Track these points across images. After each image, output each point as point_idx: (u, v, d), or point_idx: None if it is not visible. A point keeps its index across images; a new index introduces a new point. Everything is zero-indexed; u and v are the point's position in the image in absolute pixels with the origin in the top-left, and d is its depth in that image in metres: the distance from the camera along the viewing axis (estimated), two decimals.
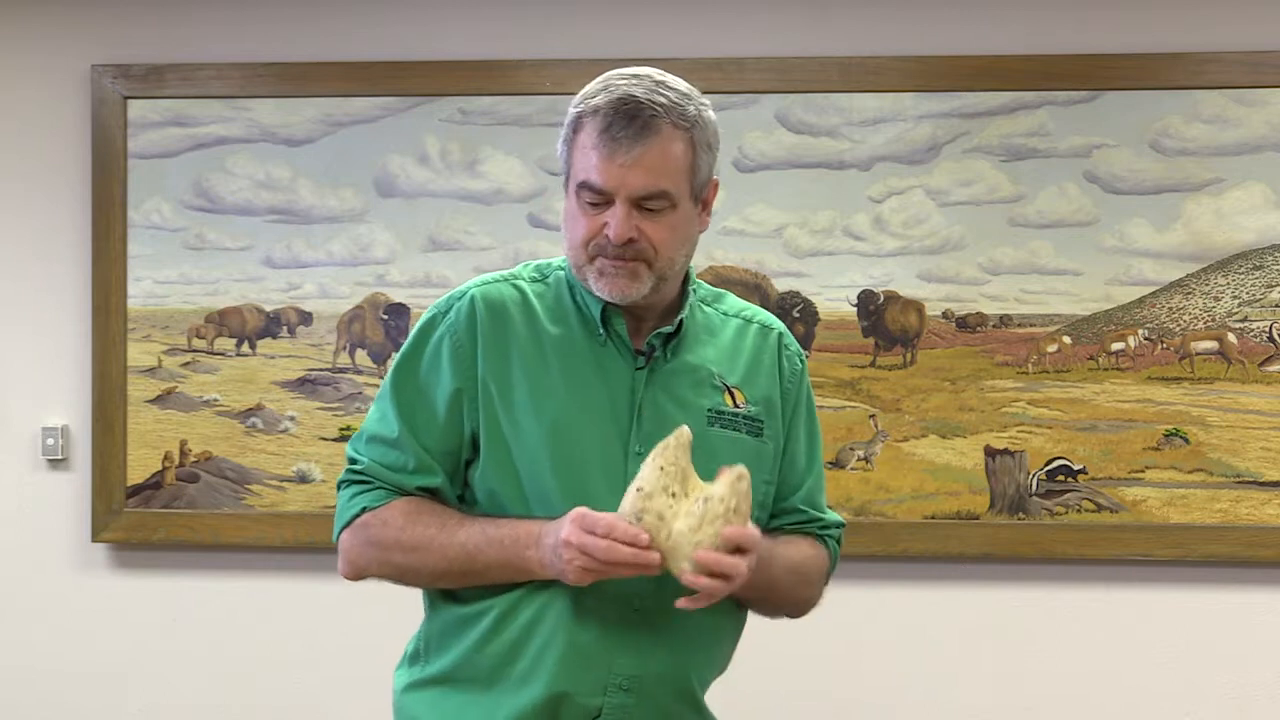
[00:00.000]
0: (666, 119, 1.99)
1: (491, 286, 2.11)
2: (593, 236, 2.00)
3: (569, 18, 3.85)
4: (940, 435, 3.77)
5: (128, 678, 3.92)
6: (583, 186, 2.00)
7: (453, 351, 2.07)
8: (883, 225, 3.79)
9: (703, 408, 2.08)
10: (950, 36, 3.78)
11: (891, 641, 3.79)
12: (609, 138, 1.98)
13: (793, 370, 2.19)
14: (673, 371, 2.09)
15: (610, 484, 1.99)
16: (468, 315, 2.08)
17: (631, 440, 2.04)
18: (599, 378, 2.06)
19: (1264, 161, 3.72)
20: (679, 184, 2.01)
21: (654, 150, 1.98)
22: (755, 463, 2.05)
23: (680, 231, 2.04)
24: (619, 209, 1.98)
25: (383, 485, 2.08)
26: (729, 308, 2.20)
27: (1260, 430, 3.72)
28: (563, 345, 2.07)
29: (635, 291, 2.02)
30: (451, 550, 2.01)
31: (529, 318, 2.08)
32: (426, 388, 2.08)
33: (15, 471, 3.95)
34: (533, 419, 2.03)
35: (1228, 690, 3.73)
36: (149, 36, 3.92)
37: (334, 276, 3.91)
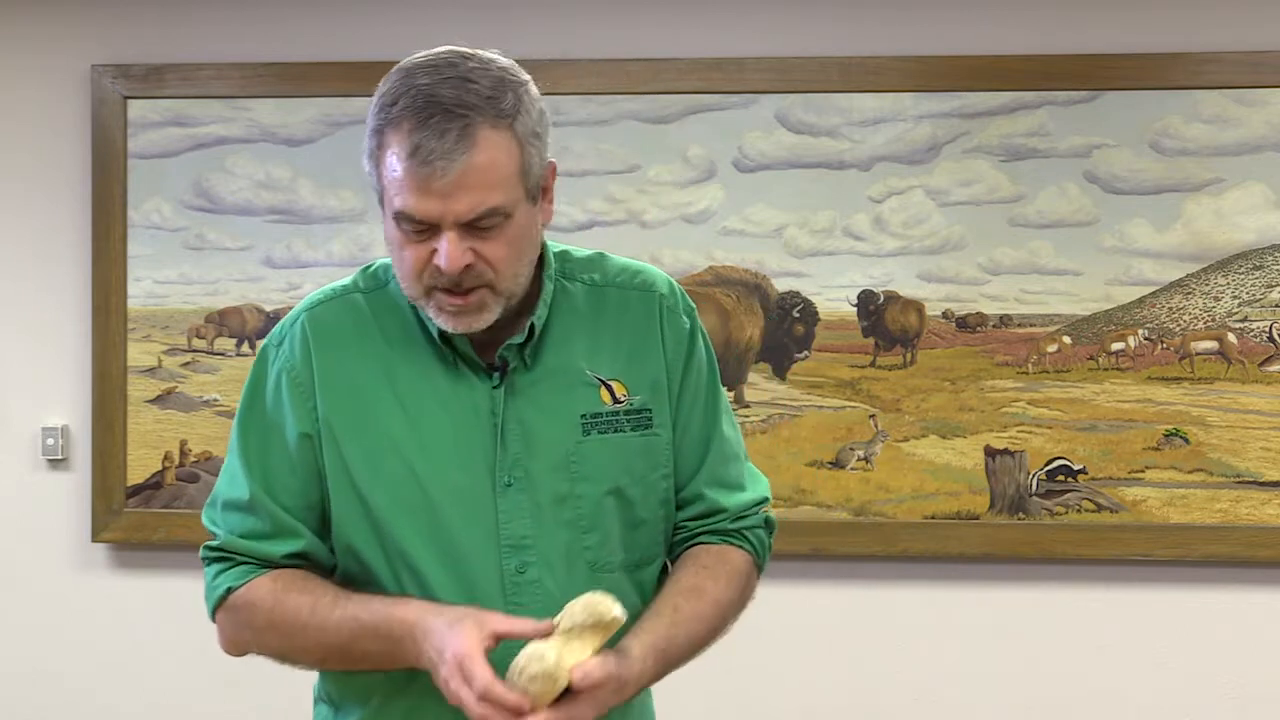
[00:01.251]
0: (483, 120, 1.71)
1: (323, 308, 1.89)
2: (424, 268, 1.75)
3: (569, 18, 3.85)
4: (940, 435, 3.76)
5: (127, 677, 3.92)
6: (400, 216, 1.74)
7: (292, 389, 1.85)
8: (883, 225, 3.79)
9: (575, 414, 1.85)
10: (950, 36, 3.78)
11: (891, 641, 3.79)
12: (420, 161, 1.69)
13: (678, 335, 1.93)
14: (535, 379, 1.85)
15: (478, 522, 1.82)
16: (301, 346, 1.86)
17: (498, 469, 1.82)
18: (453, 403, 1.83)
19: (1264, 161, 3.72)
20: (511, 192, 1.74)
21: (476, 163, 1.70)
22: (646, 460, 1.88)
23: (521, 242, 1.77)
24: (446, 238, 1.72)
25: (245, 559, 1.86)
26: (604, 275, 1.93)
27: (1260, 430, 3.71)
28: (409, 370, 1.84)
29: (484, 322, 1.78)
30: (325, 637, 1.80)
31: (367, 340, 1.86)
32: (273, 435, 1.86)
33: (15, 471, 3.95)
34: (383, 459, 1.82)
35: (1228, 690, 3.73)
36: (149, 36, 3.92)
37: (334, 276, 3.84)
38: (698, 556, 1.93)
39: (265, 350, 1.90)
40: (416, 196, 1.71)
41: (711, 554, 1.93)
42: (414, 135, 1.70)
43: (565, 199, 3.83)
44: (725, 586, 1.91)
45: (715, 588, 1.89)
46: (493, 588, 1.82)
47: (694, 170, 3.81)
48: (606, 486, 1.86)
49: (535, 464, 1.83)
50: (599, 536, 1.86)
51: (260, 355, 1.91)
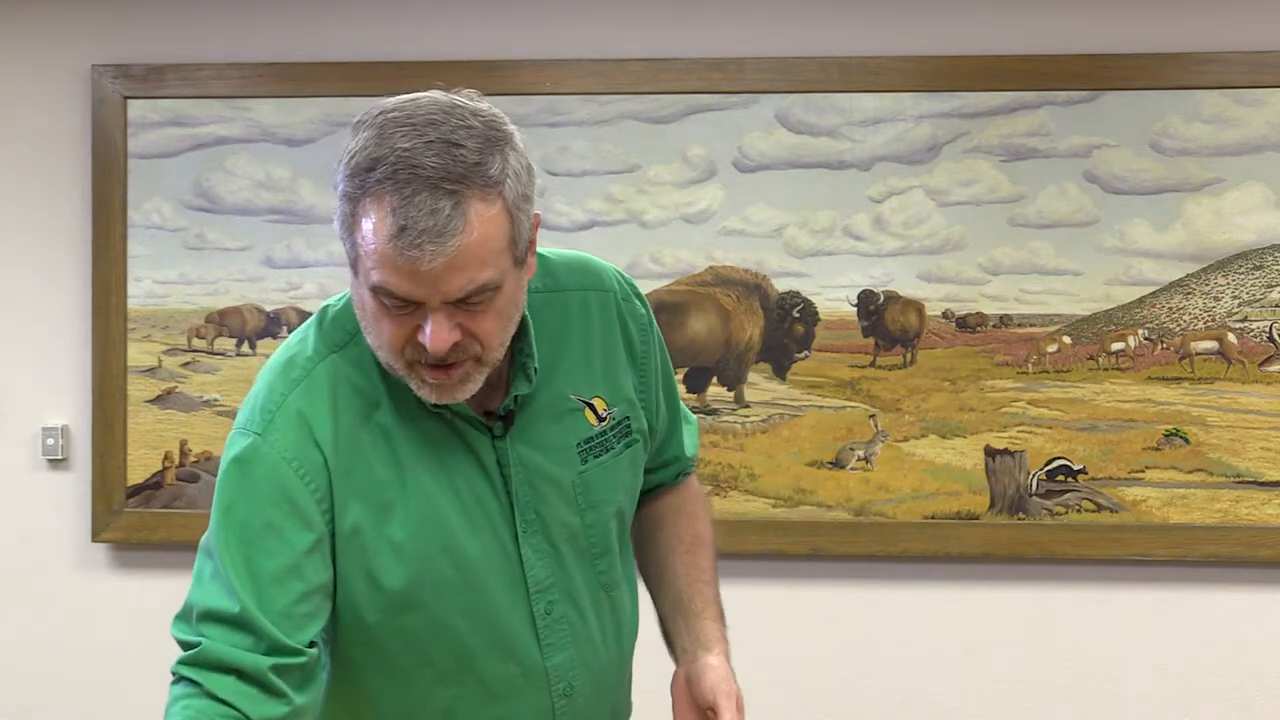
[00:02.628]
0: (473, 194, 1.58)
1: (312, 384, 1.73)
2: (406, 343, 1.63)
3: (569, 18, 3.85)
4: (940, 435, 3.76)
5: (128, 677, 3.92)
6: (381, 291, 1.60)
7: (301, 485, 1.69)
8: (883, 225, 3.79)
9: (572, 445, 1.82)
10: (950, 36, 3.78)
11: (891, 641, 3.79)
12: (406, 243, 1.55)
13: (640, 324, 1.91)
14: (532, 418, 1.80)
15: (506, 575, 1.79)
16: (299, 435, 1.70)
17: (517, 521, 1.79)
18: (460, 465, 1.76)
19: (1264, 161, 3.71)
20: (500, 265, 1.62)
21: (467, 245, 1.57)
22: (633, 470, 1.90)
23: (508, 310, 1.67)
24: (432, 318, 1.60)
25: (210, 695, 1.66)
26: (559, 279, 1.86)
27: (1260, 430, 3.71)
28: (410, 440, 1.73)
29: (468, 393, 1.69)
30: None
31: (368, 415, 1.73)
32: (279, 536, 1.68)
33: (15, 471, 3.95)
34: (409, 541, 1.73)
35: (1228, 690, 3.73)
36: (149, 36, 3.92)
37: (334, 276, 3.90)
38: (672, 501, 2.04)
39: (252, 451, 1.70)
40: (402, 278, 1.58)
41: (679, 493, 2.05)
42: (399, 213, 1.56)
43: (565, 199, 3.83)
44: (708, 519, 2.05)
45: (705, 527, 2.03)
46: (527, 634, 1.83)
47: (694, 170, 3.81)
48: (611, 510, 1.87)
49: (545, 504, 1.82)
50: (609, 560, 1.89)
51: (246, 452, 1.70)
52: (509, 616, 1.81)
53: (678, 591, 1.96)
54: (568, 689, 1.85)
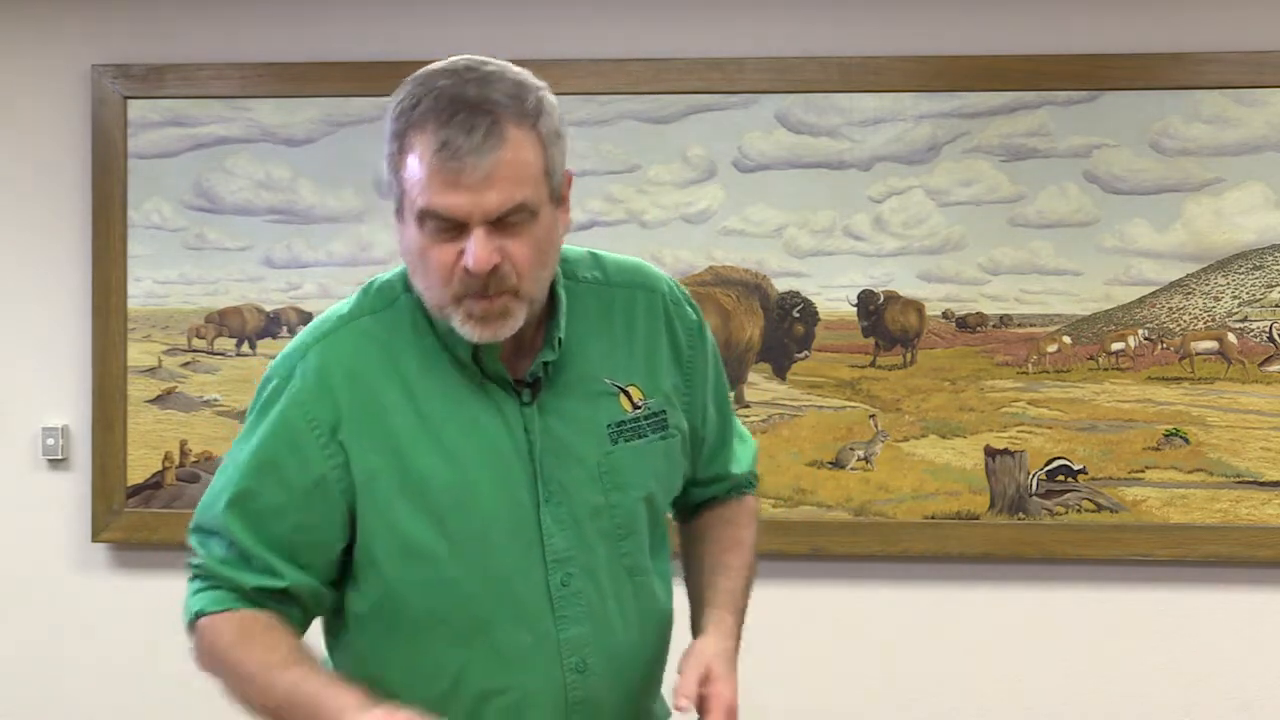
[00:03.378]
0: (509, 117, 1.70)
1: (335, 339, 1.84)
2: (450, 272, 1.72)
3: (569, 18, 3.85)
4: (940, 435, 3.76)
5: (128, 678, 3.92)
6: (426, 215, 1.71)
7: (307, 430, 1.80)
8: (883, 225, 3.79)
9: (602, 425, 1.86)
10: (950, 36, 3.78)
11: (891, 641, 3.78)
12: (448, 155, 1.68)
13: (688, 327, 1.96)
14: (559, 392, 1.85)
15: (523, 541, 1.82)
16: (316, 382, 1.81)
17: (539, 488, 1.83)
18: (485, 426, 1.82)
19: (1264, 161, 3.71)
20: (537, 191, 1.73)
21: (504, 160, 1.69)
22: (668, 463, 1.93)
23: (545, 245, 1.76)
24: (475, 235, 1.69)
25: (221, 585, 1.83)
26: (606, 274, 1.93)
27: (1260, 430, 3.71)
28: (436, 397, 1.81)
29: (509, 329, 1.75)
30: (266, 698, 1.81)
31: (387, 369, 1.82)
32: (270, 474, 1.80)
33: (15, 471, 3.95)
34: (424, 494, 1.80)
35: (1228, 690, 3.73)
36: (149, 36, 3.92)
37: (334, 276, 3.90)
38: (721, 513, 2.07)
39: (271, 384, 1.83)
40: (445, 193, 1.69)
41: (730, 507, 2.08)
42: (440, 132, 1.69)
43: None
44: (751, 531, 2.08)
45: (748, 534, 2.06)
46: (541, 603, 1.84)
47: (694, 170, 3.81)
48: (639, 494, 1.89)
49: (570, 477, 1.85)
50: (634, 543, 1.90)
51: (266, 396, 1.83)
52: (524, 582, 1.83)
53: (700, 585, 1.99)
54: (580, 665, 1.85)
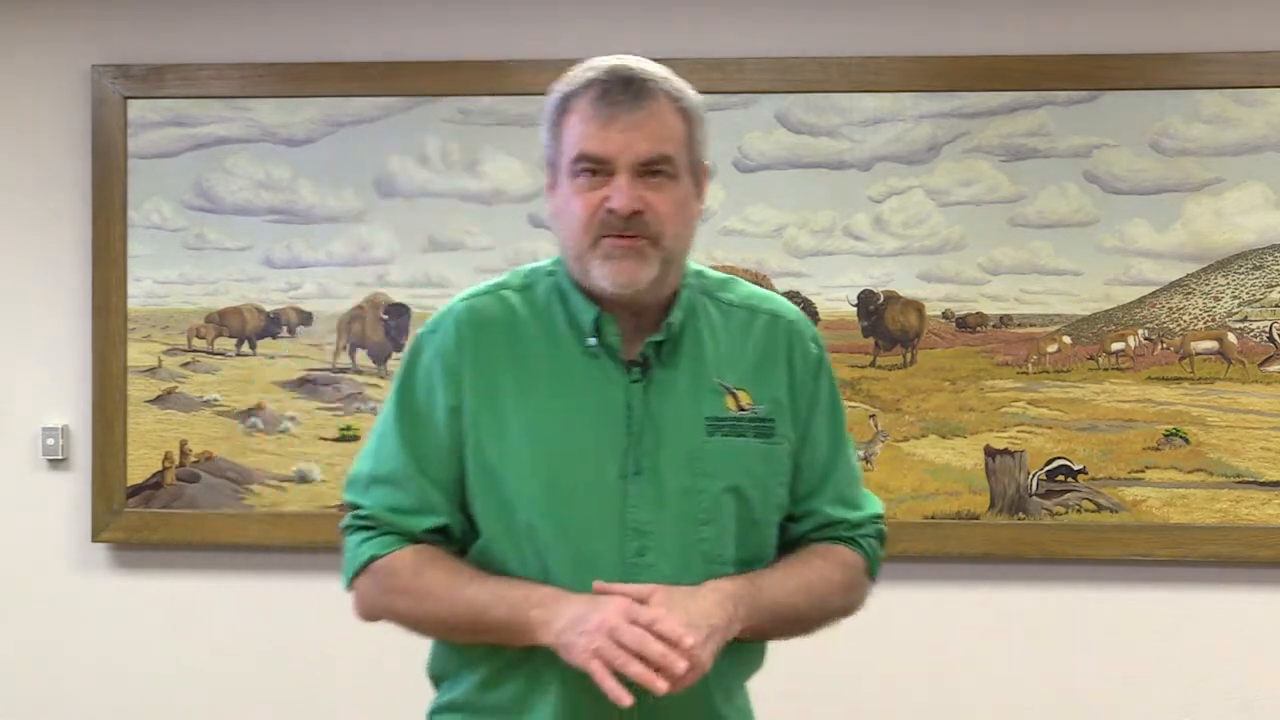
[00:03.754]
0: (661, 89, 1.92)
1: (477, 300, 2.02)
2: (594, 214, 1.89)
3: (569, 18, 3.85)
4: (940, 435, 3.76)
5: (128, 678, 3.92)
6: (580, 159, 1.90)
7: (444, 372, 1.98)
8: (883, 225, 3.79)
9: (701, 416, 1.96)
10: (950, 36, 3.78)
11: (891, 642, 3.78)
12: (607, 103, 1.89)
13: (807, 361, 2.04)
14: (670, 379, 1.97)
15: (605, 506, 1.92)
16: (454, 334, 1.99)
17: (628, 460, 1.94)
18: (593, 394, 1.95)
19: (1264, 161, 3.72)
20: (679, 152, 1.92)
21: (654, 115, 1.90)
22: (767, 466, 1.99)
23: (683, 207, 1.94)
24: (621, 178, 1.88)
25: (390, 530, 2.00)
26: (735, 296, 2.06)
27: (1260, 430, 3.72)
28: (553, 361, 1.96)
29: (644, 276, 1.90)
30: (459, 605, 1.94)
31: (515, 333, 1.99)
32: (426, 413, 1.98)
33: (15, 471, 3.95)
34: (521, 444, 1.94)
35: (1228, 690, 3.73)
36: (149, 36, 3.92)
37: (334, 276, 3.91)
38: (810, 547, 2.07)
39: (420, 339, 2.03)
40: (598, 136, 1.88)
41: (824, 547, 2.07)
42: (601, 86, 1.90)
43: None
44: (833, 567, 2.06)
45: (823, 565, 2.05)
46: (612, 568, 1.92)
47: None
48: (726, 484, 1.96)
49: (662, 457, 1.94)
50: (715, 530, 1.96)
51: (415, 343, 2.03)
52: (600, 545, 1.92)
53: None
54: None
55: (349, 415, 3.89)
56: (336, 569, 2.17)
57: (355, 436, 3.87)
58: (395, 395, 2.02)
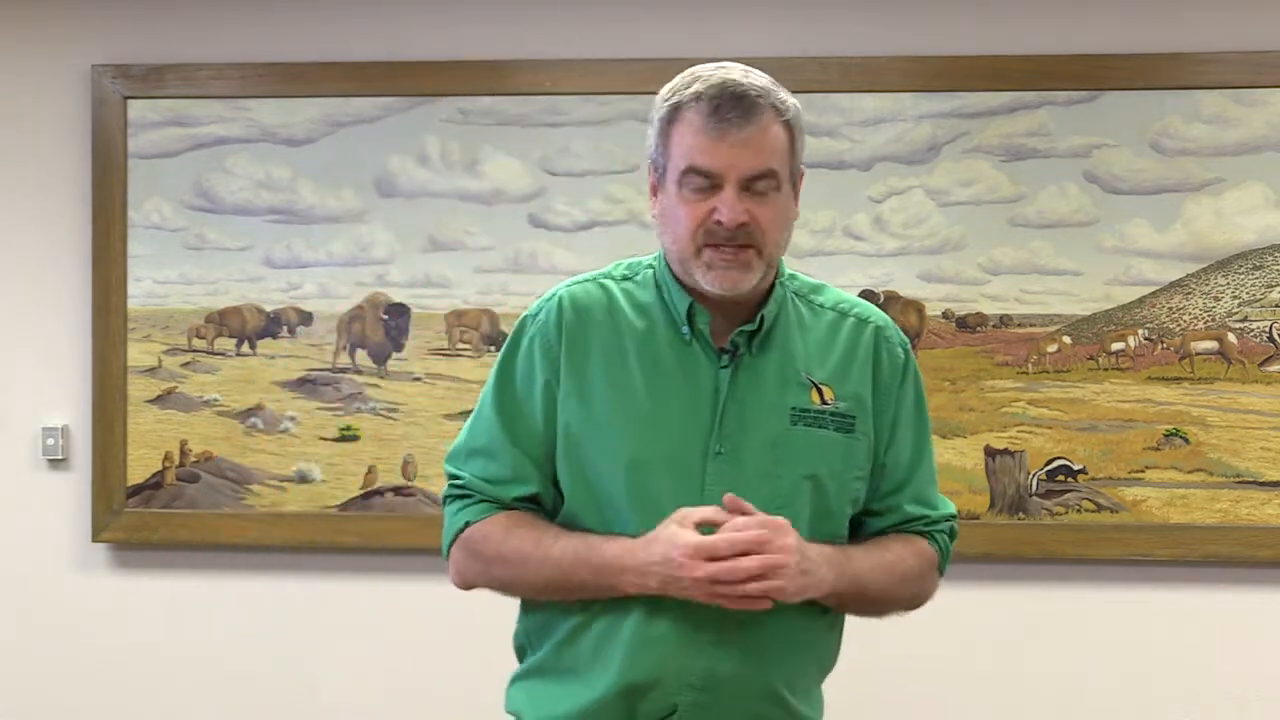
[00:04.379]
0: (768, 102, 2.00)
1: (579, 287, 2.13)
2: (700, 225, 1.99)
3: (569, 18, 3.85)
4: (940, 435, 3.76)
5: (128, 678, 3.92)
6: (690, 172, 1.99)
7: (543, 351, 2.09)
8: (883, 225, 3.80)
9: (786, 405, 2.05)
10: (950, 36, 3.78)
11: (891, 641, 3.78)
12: (718, 119, 1.97)
13: (893, 364, 2.13)
14: (758, 369, 2.06)
15: (685, 483, 2.01)
16: (556, 316, 2.09)
17: (712, 440, 2.02)
18: (682, 377, 2.05)
19: (1264, 161, 3.72)
20: (782, 165, 2.01)
21: (761, 131, 1.98)
22: (845, 460, 2.07)
23: (784, 215, 2.03)
24: (729, 192, 1.97)
25: (484, 498, 2.09)
26: (826, 300, 2.15)
27: (1260, 430, 3.72)
28: (646, 344, 2.07)
29: (747, 282, 2.01)
30: (547, 566, 2.03)
31: (613, 317, 2.09)
32: (523, 389, 2.10)
33: (15, 471, 3.95)
34: (607, 419, 2.04)
35: (1228, 690, 3.73)
36: (149, 36, 3.92)
37: (334, 276, 3.91)
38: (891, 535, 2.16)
39: (524, 321, 2.14)
40: (709, 151, 1.97)
41: (904, 535, 2.16)
42: (714, 101, 1.97)
43: (565, 199, 3.83)
44: (911, 554, 2.15)
45: (903, 550, 2.14)
46: None
47: None
48: (805, 471, 2.05)
49: (746, 441, 2.03)
50: (790, 515, 2.00)
51: (518, 325, 2.14)
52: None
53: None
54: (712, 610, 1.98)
55: (349, 415, 3.89)
56: (336, 569, 2.18)
57: (355, 436, 3.88)
58: (496, 372, 2.13)
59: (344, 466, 3.88)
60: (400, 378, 3.88)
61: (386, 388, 3.89)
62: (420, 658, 3.83)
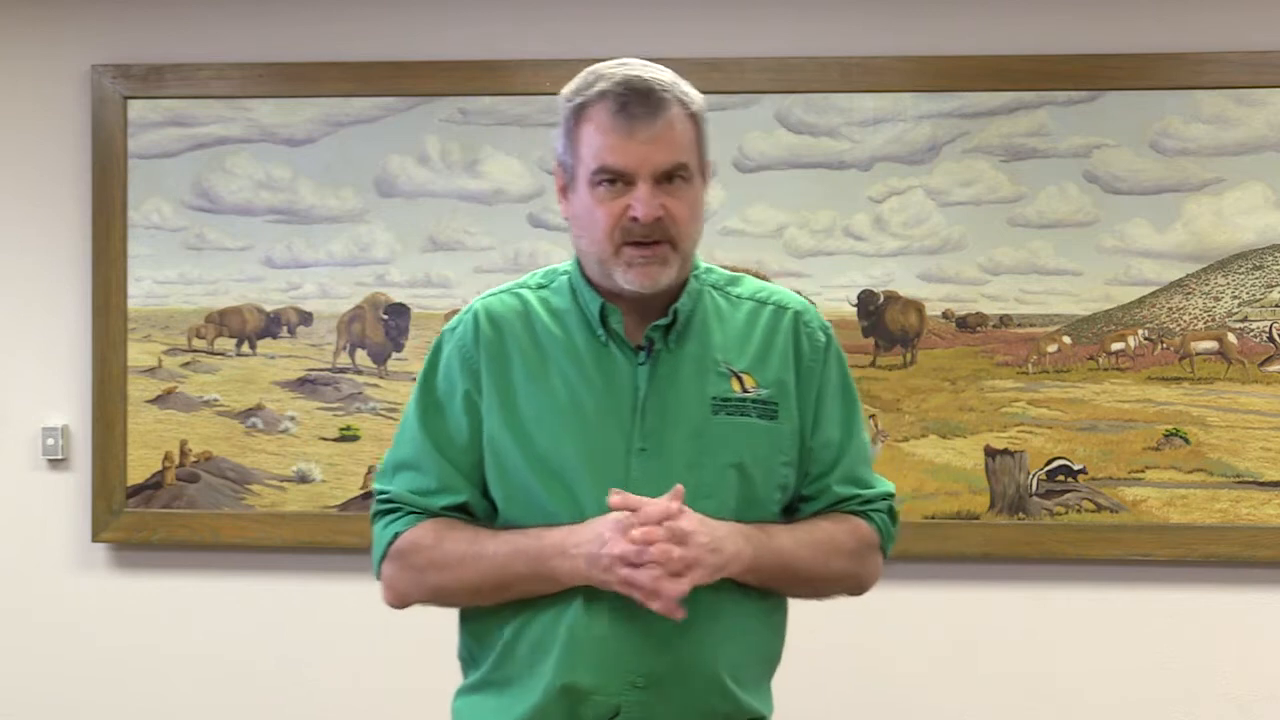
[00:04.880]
0: (673, 95, 2.01)
1: (495, 298, 2.14)
2: (616, 223, 1.99)
3: (569, 18, 3.85)
4: (940, 435, 3.76)
5: (128, 678, 3.92)
6: (601, 171, 1.99)
7: (462, 364, 2.10)
8: (883, 225, 3.80)
9: (707, 396, 2.06)
10: (950, 36, 3.78)
11: (891, 642, 3.78)
12: (626, 116, 1.97)
13: (814, 348, 2.14)
14: (676, 362, 2.07)
15: (608, 483, 1.99)
16: (473, 329, 2.10)
17: (634, 437, 2.03)
18: (601, 378, 2.06)
19: (1264, 161, 3.72)
20: (692, 157, 2.02)
21: (669, 125, 1.99)
22: (769, 446, 2.07)
23: (695, 208, 2.04)
24: (642, 188, 1.98)
25: (412, 510, 2.09)
26: (743, 290, 2.17)
27: (1260, 430, 3.72)
28: (564, 350, 2.07)
29: (665, 278, 2.02)
30: (482, 564, 2.03)
31: (529, 325, 2.10)
32: (445, 401, 2.10)
33: (15, 471, 3.95)
34: (531, 426, 2.05)
35: (1228, 690, 3.73)
36: (149, 36, 3.92)
37: (334, 276, 3.91)
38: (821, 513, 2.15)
39: (441, 335, 2.15)
40: (620, 148, 1.97)
41: (835, 514, 2.15)
42: (619, 99, 1.97)
43: None
44: (842, 532, 2.13)
45: (832, 528, 2.12)
46: None
47: None
48: (730, 460, 2.05)
49: (668, 434, 2.04)
50: (716, 504, 2.02)
51: (438, 340, 2.15)
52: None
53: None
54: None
55: (349, 415, 3.89)
56: (336, 569, 2.18)
57: (355, 436, 3.88)
58: (418, 387, 2.14)
59: (344, 466, 3.88)
60: (400, 378, 3.88)
61: (386, 388, 3.89)
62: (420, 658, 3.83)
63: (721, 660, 2.04)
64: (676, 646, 2.00)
